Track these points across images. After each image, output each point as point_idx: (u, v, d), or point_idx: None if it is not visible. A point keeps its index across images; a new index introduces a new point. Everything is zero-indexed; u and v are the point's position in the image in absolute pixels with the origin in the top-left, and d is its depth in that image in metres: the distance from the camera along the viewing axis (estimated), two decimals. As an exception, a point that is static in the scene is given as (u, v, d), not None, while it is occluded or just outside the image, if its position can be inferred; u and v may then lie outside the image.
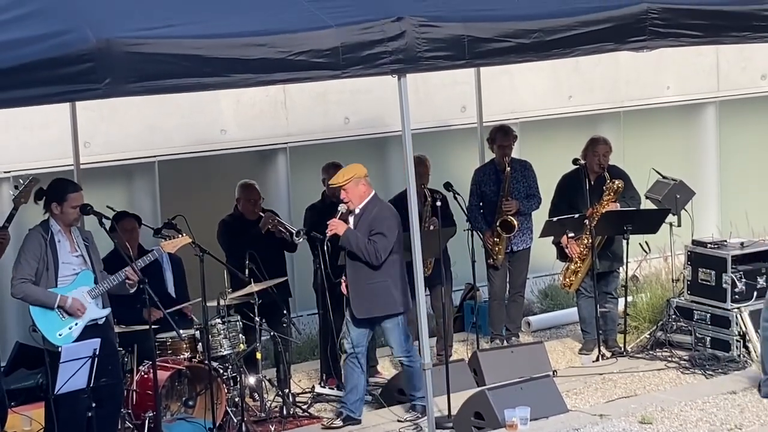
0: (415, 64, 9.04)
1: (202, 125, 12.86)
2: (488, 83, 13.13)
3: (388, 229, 9.93)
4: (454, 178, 11.74)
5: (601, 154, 11.81)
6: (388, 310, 10.00)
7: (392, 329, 10.07)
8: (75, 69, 8.04)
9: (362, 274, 9.97)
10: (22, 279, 9.03)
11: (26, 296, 9.07)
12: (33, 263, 9.05)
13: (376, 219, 9.96)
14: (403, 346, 10.11)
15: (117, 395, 9.34)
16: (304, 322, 12.70)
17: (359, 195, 10.01)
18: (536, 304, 13.96)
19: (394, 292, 9.97)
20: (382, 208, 10.09)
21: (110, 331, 9.33)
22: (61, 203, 9.14)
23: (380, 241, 9.88)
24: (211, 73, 8.45)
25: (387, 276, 9.96)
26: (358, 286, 10.01)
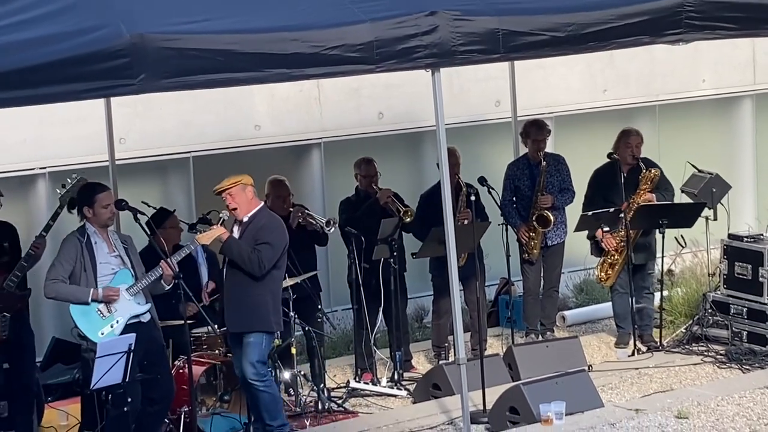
0: (450, 58, 9.03)
1: (236, 121, 12.88)
2: (522, 77, 13.09)
3: (276, 240, 9.45)
4: (487, 173, 11.72)
5: (633, 145, 11.78)
6: (262, 327, 9.43)
7: (254, 345, 9.41)
8: (110, 65, 8.08)
9: (242, 285, 9.43)
10: (53, 279, 9.13)
11: (58, 294, 9.15)
12: (67, 265, 9.13)
13: (263, 228, 9.46)
14: (258, 369, 9.42)
15: (169, 394, 9.39)
16: (339, 317, 12.71)
17: (246, 201, 9.49)
18: (571, 299, 13.92)
19: (270, 310, 9.46)
20: (272, 220, 9.61)
21: (155, 330, 9.38)
22: (92, 205, 9.21)
23: (265, 251, 9.37)
24: (246, 68, 8.47)
25: (267, 291, 9.45)
26: (235, 298, 9.47)
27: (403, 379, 11.30)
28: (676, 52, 13.50)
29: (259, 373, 9.45)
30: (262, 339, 9.49)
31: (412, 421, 10.12)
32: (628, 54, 14.02)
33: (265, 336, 9.51)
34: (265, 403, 9.52)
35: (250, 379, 9.44)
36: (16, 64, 7.86)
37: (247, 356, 9.44)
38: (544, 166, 11.94)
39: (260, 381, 9.46)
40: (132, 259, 9.34)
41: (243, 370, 9.48)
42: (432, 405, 10.43)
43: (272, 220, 9.65)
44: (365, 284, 11.25)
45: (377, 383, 11.22)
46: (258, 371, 9.44)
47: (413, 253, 11.44)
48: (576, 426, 9.48)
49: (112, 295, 9.11)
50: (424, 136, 13.62)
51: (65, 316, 9.55)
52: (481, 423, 9.85)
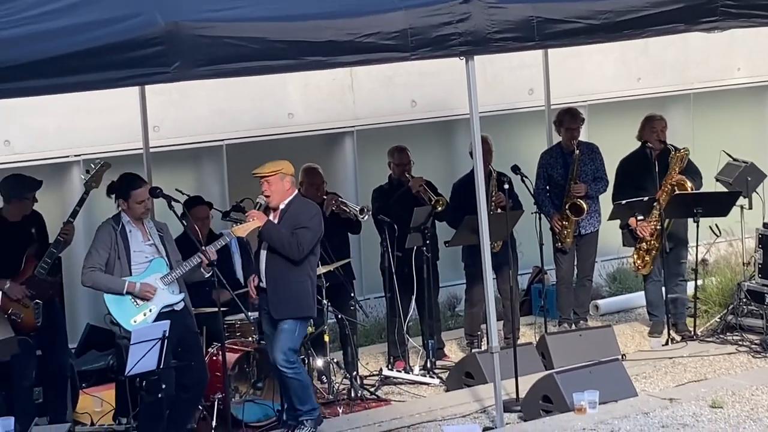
0: (484, 46, 9.01)
1: (269, 109, 12.89)
2: (556, 65, 13.04)
3: (314, 225, 9.43)
4: (521, 161, 11.69)
5: (659, 129, 11.75)
6: (301, 312, 9.45)
7: (287, 332, 9.41)
8: (144, 53, 8.11)
9: (282, 270, 9.41)
10: (90, 268, 9.17)
11: (95, 284, 9.19)
12: (103, 253, 9.17)
13: (301, 214, 9.46)
14: (288, 356, 9.42)
15: (202, 381, 9.42)
16: (371, 305, 12.72)
17: (282, 190, 9.46)
18: (604, 288, 13.88)
19: (309, 297, 9.46)
20: (308, 206, 9.62)
21: (189, 318, 9.41)
22: (127, 200, 9.24)
23: (304, 234, 9.37)
24: (280, 56, 8.48)
25: (306, 277, 9.44)
26: (276, 282, 9.42)
27: (435, 367, 11.30)
28: (711, 40, 13.43)
29: (289, 360, 9.46)
30: (296, 326, 9.49)
31: (444, 409, 10.12)
32: (663, 42, 13.97)
33: (300, 323, 9.52)
34: (294, 389, 9.55)
35: (279, 365, 9.47)
36: (51, 52, 7.90)
37: (278, 342, 9.45)
38: (578, 155, 11.91)
39: (289, 368, 9.47)
40: (167, 248, 9.36)
41: (273, 356, 9.50)
42: (465, 393, 10.43)
43: (309, 206, 9.65)
44: (398, 272, 11.25)
45: (410, 371, 11.22)
46: (288, 358, 9.45)
47: (446, 241, 11.44)
48: (609, 415, 9.46)
49: (147, 292, 9.15)
50: (457, 124, 13.60)
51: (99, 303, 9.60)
52: (514, 411, 9.84)
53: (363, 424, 9.85)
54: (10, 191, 9.80)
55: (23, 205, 9.79)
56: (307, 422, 9.53)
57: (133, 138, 11.67)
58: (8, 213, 9.81)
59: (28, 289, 9.62)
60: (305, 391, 9.57)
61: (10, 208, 9.80)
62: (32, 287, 9.65)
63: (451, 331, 12.55)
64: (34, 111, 11.64)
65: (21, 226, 9.79)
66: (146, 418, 9.13)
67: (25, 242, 9.75)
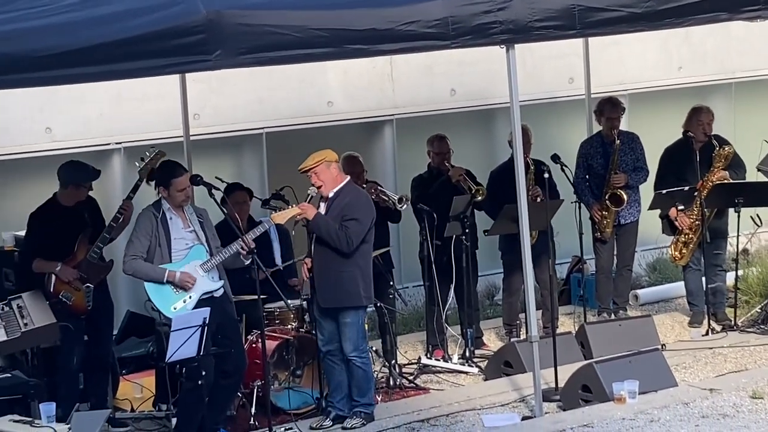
0: (525, 35, 9.00)
1: (309, 97, 12.91)
2: (596, 54, 13.00)
3: (363, 216, 9.42)
4: (560, 150, 11.65)
5: (705, 122, 11.69)
6: (354, 302, 9.46)
7: (351, 324, 9.47)
8: (186, 41, 8.15)
9: (330, 261, 9.42)
10: (132, 256, 9.21)
11: (136, 272, 9.24)
12: (144, 241, 9.21)
13: (349, 205, 9.43)
14: (358, 345, 9.52)
15: (241, 368, 9.46)
16: (410, 294, 12.73)
17: (331, 179, 9.45)
18: (644, 278, 13.84)
19: (360, 284, 9.45)
20: (358, 195, 9.59)
21: (228, 305, 9.43)
22: (168, 187, 9.28)
23: (353, 226, 9.35)
24: (321, 44, 8.50)
25: (356, 266, 9.43)
26: (324, 274, 9.45)
27: (474, 356, 11.30)
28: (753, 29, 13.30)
29: (359, 349, 9.53)
30: (358, 317, 9.54)
31: (483, 398, 10.12)
32: (705, 31, 13.90)
33: (358, 312, 9.56)
34: (358, 379, 9.59)
35: (349, 354, 9.51)
36: (93, 40, 7.95)
37: (345, 334, 9.50)
38: (618, 145, 11.86)
39: (359, 357, 9.53)
40: (207, 234, 9.39)
41: (342, 346, 9.53)
42: (503, 382, 10.43)
43: (358, 195, 9.65)
44: (437, 261, 11.25)
45: (448, 360, 11.22)
46: (358, 347, 9.52)
47: (485, 230, 11.43)
48: (649, 405, 9.44)
49: (187, 282, 9.18)
50: (496, 113, 13.58)
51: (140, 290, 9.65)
52: (553, 401, 9.83)
53: (402, 413, 9.86)
54: (67, 177, 9.88)
55: (79, 192, 9.87)
56: (361, 414, 9.57)
57: (173, 126, 11.72)
58: (63, 197, 9.90)
59: (79, 273, 9.70)
60: (368, 384, 9.64)
61: (65, 193, 9.87)
62: (84, 271, 9.73)
63: (489, 320, 12.55)
64: (75, 99, 11.72)
65: (75, 210, 9.87)
66: (186, 405, 9.17)
67: (78, 226, 9.84)
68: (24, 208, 10.08)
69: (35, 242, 9.84)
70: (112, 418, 9.88)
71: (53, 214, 9.83)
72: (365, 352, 9.64)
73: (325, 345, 9.66)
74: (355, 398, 9.63)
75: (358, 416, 9.58)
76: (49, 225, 9.78)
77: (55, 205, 9.90)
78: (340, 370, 9.66)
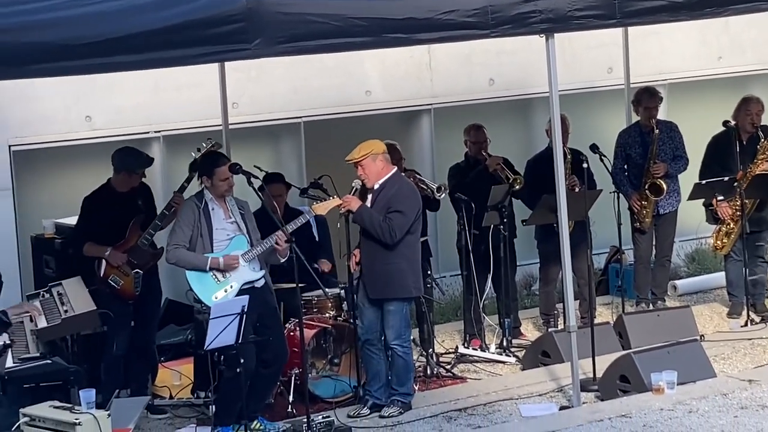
0: (565, 24, 8.98)
1: (347, 86, 12.92)
2: (636, 44, 12.95)
3: (408, 208, 9.47)
4: (599, 140, 11.62)
5: (754, 113, 11.62)
6: (403, 293, 9.55)
7: (395, 312, 9.53)
8: (225, 29, 8.16)
9: (377, 253, 9.49)
10: (175, 245, 9.25)
11: (179, 261, 9.27)
12: (186, 230, 9.24)
13: (395, 197, 9.47)
14: (401, 334, 9.58)
15: (282, 357, 9.48)
16: (447, 283, 12.72)
17: (376, 171, 9.50)
18: (683, 268, 13.78)
19: (408, 276, 9.54)
20: (403, 186, 9.61)
21: (269, 295, 9.45)
22: (211, 177, 9.30)
23: (397, 218, 9.40)
24: (360, 33, 8.50)
25: (402, 258, 9.50)
26: (372, 266, 9.54)
27: (511, 345, 11.29)
28: (794, 18, 13.23)
29: (401, 337, 9.57)
30: (402, 307, 9.58)
31: (521, 388, 10.12)
32: (744, 20, 13.79)
33: (405, 303, 9.60)
34: (398, 368, 9.63)
35: (391, 342, 9.55)
36: (133, 29, 7.97)
37: (389, 322, 9.55)
38: (657, 134, 11.81)
39: (401, 346, 9.57)
40: (248, 225, 9.41)
41: (385, 333, 9.58)
42: (541, 372, 10.42)
43: (403, 186, 9.66)
44: (474, 250, 11.24)
45: (486, 349, 11.22)
46: (400, 336, 9.56)
47: (523, 220, 11.41)
48: (688, 396, 9.41)
49: (232, 263, 9.20)
50: (535, 103, 13.55)
51: (178, 277, 9.69)
52: (591, 391, 9.82)
53: (439, 401, 9.87)
54: (120, 163, 9.94)
55: (131, 179, 9.93)
56: (398, 403, 9.61)
57: (212, 115, 11.74)
58: (116, 183, 9.97)
59: (128, 258, 9.76)
60: (408, 374, 9.67)
61: (118, 179, 9.94)
62: (134, 257, 9.79)
63: (526, 309, 12.53)
64: (114, 87, 11.77)
65: (128, 196, 9.95)
66: (225, 393, 9.21)
67: (131, 212, 9.92)
68: (64, 197, 10.17)
69: (87, 226, 9.94)
70: (151, 405, 9.95)
71: (107, 199, 9.92)
72: (407, 341, 9.68)
73: (364, 333, 9.70)
74: (394, 387, 9.66)
75: (395, 405, 9.61)
76: (102, 210, 9.88)
77: (110, 190, 9.98)
78: (378, 360, 9.69)
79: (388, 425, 9.42)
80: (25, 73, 7.96)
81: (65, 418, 8.06)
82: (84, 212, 10.00)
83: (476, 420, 9.49)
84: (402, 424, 9.42)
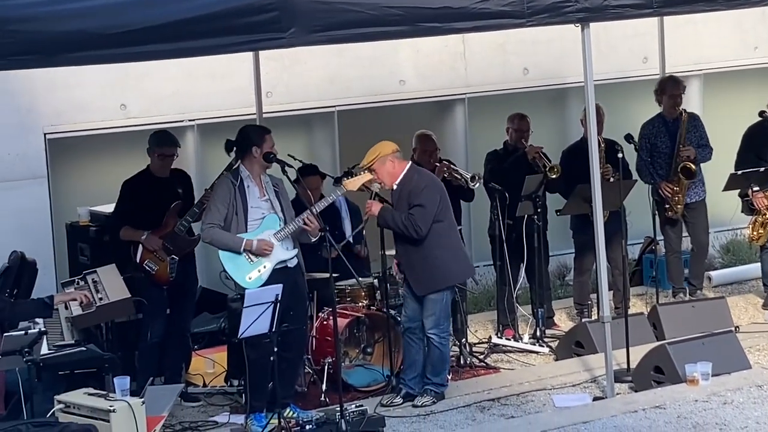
0: (601, 13, 8.95)
1: (381, 76, 12.91)
2: (671, 34, 12.87)
3: (427, 200, 9.42)
4: (634, 130, 11.60)
5: (790, 103, 11.57)
6: (448, 282, 9.58)
7: (436, 302, 9.54)
8: (260, 18, 8.18)
9: (412, 251, 9.52)
10: (210, 224, 9.25)
11: (214, 240, 9.28)
12: (222, 209, 9.24)
13: (412, 192, 9.45)
14: (439, 323, 9.57)
15: (302, 340, 9.48)
16: (481, 273, 12.68)
17: (389, 173, 9.48)
18: (717, 259, 13.71)
19: (450, 264, 9.54)
20: (419, 180, 9.55)
21: (300, 276, 9.44)
22: (261, 145, 9.28)
23: (418, 213, 9.38)
24: (395, 22, 8.50)
25: (437, 247, 9.48)
26: (410, 263, 9.56)
27: (545, 335, 11.27)
28: (833, 7, 13.12)
29: (439, 326, 9.57)
30: (443, 296, 9.59)
31: (554, 378, 10.10)
32: (781, 10, 13.71)
33: (446, 292, 9.61)
34: (433, 358, 9.63)
35: (429, 330, 9.56)
36: (168, 17, 8.01)
37: (428, 310, 9.56)
38: (685, 117, 11.76)
39: (438, 336, 9.57)
40: (282, 203, 9.39)
41: (423, 321, 9.58)
42: (575, 362, 10.40)
43: (419, 179, 9.62)
44: (508, 240, 11.22)
45: (519, 339, 11.20)
46: (438, 325, 9.56)
47: (557, 210, 11.38)
48: (722, 387, 9.37)
49: (265, 249, 9.20)
50: (570, 92, 13.51)
51: (212, 265, 9.71)
52: (625, 382, 9.79)
53: (472, 391, 9.87)
54: (151, 144, 9.99)
55: (164, 162, 9.95)
56: (431, 393, 9.61)
57: (245, 103, 11.77)
58: (155, 168, 10.00)
59: (164, 243, 9.79)
60: (443, 365, 9.68)
61: (155, 163, 9.97)
62: (170, 243, 9.83)
63: (560, 300, 12.49)
64: (149, 76, 11.81)
65: (167, 182, 9.98)
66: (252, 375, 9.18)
67: (169, 198, 9.94)
68: (99, 185, 10.21)
69: (125, 210, 9.98)
70: (185, 393, 9.98)
71: (145, 184, 9.96)
72: (445, 332, 9.68)
73: (407, 322, 9.72)
74: (428, 376, 9.66)
75: (428, 394, 9.62)
76: (141, 194, 9.92)
77: (149, 175, 10.02)
78: (417, 349, 9.69)
79: (421, 414, 9.42)
80: (61, 61, 8.00)
81: (100, 405, 8.10)
82: (123, 196, 10.05)
83: (509, 410, 9.48)
84: (435, 414, 9.42)
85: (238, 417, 9.44)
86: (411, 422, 9.30)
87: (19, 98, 11.55)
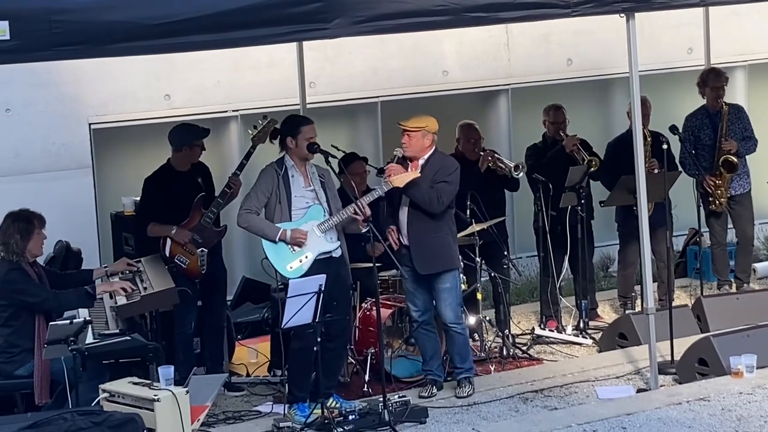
0: (647, 3, 8.90)
1: (424, 66, 12.90)
2: (716, 24, 12.79)
3: (453, 180, 9.48)
4: (679, 122, 11.54)
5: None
6: (452, 265, 9.55)
7: (450, 290, 9.53)
8: (304, 9, 8.17)
9: (423, 229, 9.49)
10: (247, 209, 9.25)
11: (249, 226, 9.29)
12: (262, 197, 9.25)
13: (441, 169, 9.48)
14: (457, 313, 9.59)
15: (345, 330, 9.48)
16: (524, 264, 12.66)
17: (421, 147, 9.50)
18: (762, 251, 13.62)
19: (454, 249, 9.60)
20: (447, 162, 9.62)
21: (343, 267, 9.42)
22: (295, 136, 9.28)
23: (443, 187, 9.42)
24: (439, 12, 8.47)
25: (448, 231, 9.55)
26: (420, 240, 9.50)
27: (588, 327, 11.23)
28: None
29: (458, 315, 9.58)
30: (456, 281, 9.57)
31: (597, 370, 10.07)
32: (828, 0, 13.57)
33: (455, 277, 9.59)
34: (459, 345, 9.64)
35: (449, 322, 9.55)
36: (213, 8, 8.02)
37: (445, 300, 9.54)
38: (726, 110, 11.69)
39: (458, 324, 9.58)
40: (328, 194, 9.38)
41: (442, 314, 9.58)
42: (618, 354, 10.36)
43: (447, 162, 9.64)
44: (551, 231, 11.19)
45: (562, 331, 11.17)
46: (457, 314, 9.57)
47: (601, 201, 11.34)
48: (767, 380, 9.30)
49: (299, 238, 9.18)
50: (613, 83, 13.45)
51: (255, 256, 9.72)
52: (669, 374, 9.75)
53: (515, 382, 9.86)
54: (180, 139, 9.99)
55: (192, 153, 9.98)
56: (467, 380, 9.62)
57: (289, 94, 11.79)
58: (176, 162, 10.01)
59: (193, 236, 9.83)
60: (467, 349, 9.69)
61: (179, 157, 9.99)
62: (198, 235, 9.85)
63: (603, 291, 12.45)
64: (193, 66, 11.85)
65: (189, 175, 9.99)
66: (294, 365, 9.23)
67: (193, 192, 9.95)
68: (143, 174, 10.22)
69: (150, 206, 9.99)
70: (228, 383, 10.02)
71: (168, 179, 9.97)
72: (462, 319, 9.72)
73: (421, 315, 9.67)
74: (458, 365, 9.65)
75: (466, 383, 9.63)
76: (164, 190, 9.92)
77: (170, 170, 10.03)
78: (435, 338, 9.73)
79: (464, 405, 9.42)
80: (107, 52, 8.00)
81: (144, 394, 8.15)
82: (146, 193, 10.06)
83: (552, 401, 9.47)
84: (478, 405, 9.41)
85: (281, 407, 9.45)
86: (454, 413, 9.28)
87: (64, 88, 11.62)
